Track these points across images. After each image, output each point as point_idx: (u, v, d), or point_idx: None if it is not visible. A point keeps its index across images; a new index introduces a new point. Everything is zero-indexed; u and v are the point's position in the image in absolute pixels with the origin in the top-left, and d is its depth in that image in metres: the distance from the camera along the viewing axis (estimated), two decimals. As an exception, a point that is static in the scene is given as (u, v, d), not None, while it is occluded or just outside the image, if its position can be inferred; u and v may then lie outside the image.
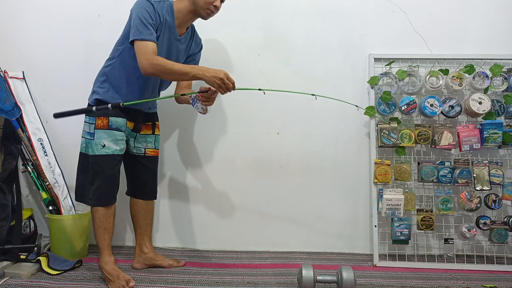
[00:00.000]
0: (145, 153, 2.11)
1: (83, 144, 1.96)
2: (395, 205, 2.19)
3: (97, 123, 1.91)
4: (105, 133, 1.92)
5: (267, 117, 2.43)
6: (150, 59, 1.77)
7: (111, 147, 1.92)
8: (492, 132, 2.20)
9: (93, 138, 1.91)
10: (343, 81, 2.41)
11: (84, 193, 1.95)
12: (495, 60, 2.28)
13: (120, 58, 1.94)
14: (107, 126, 1.92)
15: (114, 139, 1.93)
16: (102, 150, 1.91)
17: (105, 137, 1.91)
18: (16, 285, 1.88)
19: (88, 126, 1.94)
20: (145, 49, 1.78)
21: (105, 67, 1.99)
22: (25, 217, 2.30)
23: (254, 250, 2.44)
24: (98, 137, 1.91)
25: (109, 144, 1.92)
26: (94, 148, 1.91)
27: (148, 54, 1.77)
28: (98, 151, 1.91)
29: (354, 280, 1.78)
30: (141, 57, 1.78)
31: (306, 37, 2.42)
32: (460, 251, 2.33)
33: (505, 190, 2.23)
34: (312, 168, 2.44)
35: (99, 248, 1.96)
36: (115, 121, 1.93)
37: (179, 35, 1.98)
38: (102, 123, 1.91)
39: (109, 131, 1.92)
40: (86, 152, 1.94)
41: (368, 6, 2.39)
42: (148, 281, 1.96)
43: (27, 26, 2.44)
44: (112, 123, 1.93)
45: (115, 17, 2.41)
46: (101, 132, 1.91)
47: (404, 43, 2.37)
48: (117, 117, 1.93)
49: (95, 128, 1.92)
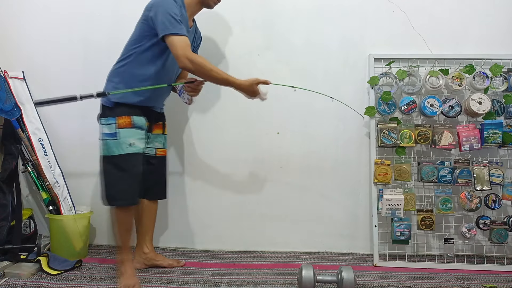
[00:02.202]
0: (155, 153, 2.10)
1: (103, 146, 1.91)
2: (395, 205, 2.19)
3: (119, 122, 1.88)
4: (131, 131, 1.89)
5: (267, 117, 2.43)
6: (190, 56, 1.78)
7: (137, 145, 1.90)
8: (492, 132, 2.20)
9: (118, 138, 1.87)
10: (343, 81, 2.41)
11: (114, 195, 1.90)
12: (495, 60, 2.28)
13: (135, 57, 1.91)
14: (131, 125, 1.89)
15: (139, 137, 1.92)
16: (129, 149, 1.87)
17: (131, 135, 1.89)
18: (16, 285, 1.87)
19: (107, 128, 1.89)
20: (182, 44, 1.78)
21: (118, 68, 1.95)
22: (25, 217, 2.30)
23: (254, 250, 2.44)
24: (124, 135, 1.87)
25: (135, 142, 1.90)
26: (119, 147, 1.87)
27: (187, 50, 1.78)
28: (124, 150, 1.87)
29: (354, 280, 1.78)
30: (179, 51, 1.77)
31: (306, 37, 2.42)
32: (460, 251, 2.33)
33: (505, 190, 2.23)
34: (312, 168, 2.44)
35: (120, 247, 1.95)
36: (138, 119, 1.92)
37: (189, 27, 2.00)
38: (125, 122, 1.88)
39: (134, 130, 1.90)
40: (110, 153, 1.88)
41: (368, 6, 2.39)
42: (148, 281, 1.96)
43: (27, 26, 2.44)
44: (135, 122, 1.90)
45: (115, 17, 2.42)
46: (126, 131, 1.88)
47: (404, 43, 2.37)
48: (139, 116, 1.92)
49: (117, 127, 1.88)
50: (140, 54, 1.90)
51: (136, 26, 1.95)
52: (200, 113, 2.45)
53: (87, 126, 2.44)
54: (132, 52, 1.92)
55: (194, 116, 2.45)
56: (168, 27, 1.78)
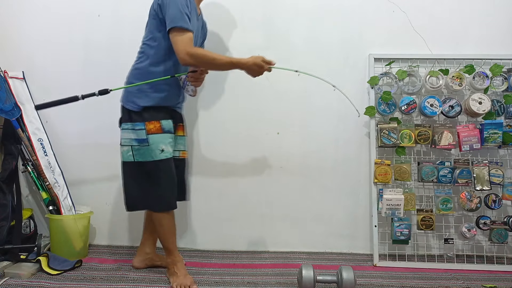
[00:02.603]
0: (180, 155, 2.07)
1: (128, 152, 1.89)
2: (395, 205, 2.19)
3: (149, 128, 1.86)
4: (161, 137, 1.87)
5: (267, 117, 2.43)
6: (189, 50, 1.76)
7: (168, 150, 1.89)
8: (492, 132, 2.20)
9: (148, 144, 1.85)
10: (343, 81, 2.39)
11: (150, 202, 1.91)
12: (495, 60, 2.28)
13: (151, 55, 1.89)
14: (161, 130, 1.87)
15: (169, 142, 1.90)
16: (161, 155, 1.86)
17: (162, 141, 1.87)
18: (16, 285, 1.87)
19: (134, 133, 1.87)
20: (184, 40, 1.77)
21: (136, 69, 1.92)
22: (25, 217, 2.30)
23: (254, 250, 2.44)
24: (155, 142, 1.86)
25: (166, 147, 1.88)
26: (152, 153, 1.85)
27: (186, 44, 1.76)
28: (157, 156, 1.85)
29: (354, 280, 1.78)
30: (179, 47, 1.76)
31: (306, 37, 2.42)
32: (460, 251, 2.34)
33: (505, 190, 2.23)
34: (312, 168, 2.44)
35: (168, 250, 1.97)
36: (166, 124, 1.90)
37: (198, 14, 1.99)
38: (155, 127, 1.86)
39: (164, 135, 1.88)
40: (141, 159, 1.87)
41: (368, 6, 2.39)
42: (148, 281, 1.96)
43: (27, 26, 2.44)
44: (164, 126, 1.89)
45: (115, 17, 2.42)
46: (157, 136, 1.86)
47: (404, 43, 2.37)
48: (167, 120, 1.90)
49: (147, 133, 1.86)
50: (155, 50, 1.89)
51: (146, 24, 1.94)
52: (200, 113, 2.45)
53: (87, 126, 2.45)
54: (147, 50, 1.90)
55: (194, 116, 2.45)
56: (174, 20, 1.77)
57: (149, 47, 1.91)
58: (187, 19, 1.79)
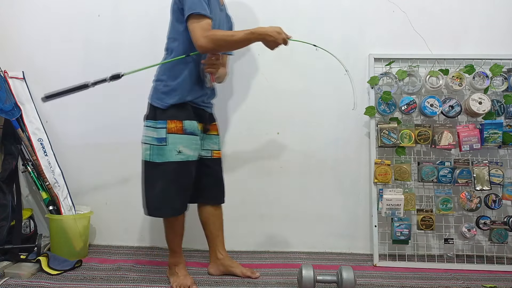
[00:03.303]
0: (212, 155, 2.02)
1: (147, 151, 1.82)
2: (395, 205, 2.19)
3: (170, 127, 1.79)
4: (181, 138, 1.80)
5: (267, 117, 2.43)
6: (207, 34, 1.70)
7: (186, 153, 1.81)
8: (492, 132, 2.20)
9: (166, 144, 1.78)
10: (343, 81, 2.40)
11: (158, 205, 1.83)
12: (495, 60, 2.28)
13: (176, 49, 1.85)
14: (181, 131, 1.80)
15: (190, 144, 1.83)
16: (177, 157, 1.79)
17: (181, 142, 1.80)
18: (16, 285, 1.87)
19: (154, 131, 1.81)
20: (199, 25, 1.70)
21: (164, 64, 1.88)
22: (25, 217, 2.30)
23: (254, 250, 2.44)
24: (173, 142, 1.79)
25: (185, 150, 1.80)
26: (168, 154, 1.78)
27: (204, 29, 1.70)
28: (173, 157, 1.78)
29: (354, 280, 1.78)
30: (197, 33, 1.70)
31: (306, 37, 2.40)
32: (460, 251, 2.34)
33: (505, 190, 2.23)
34: (312, 168, 2.44)
35: (172, 250, 1.94)
36: (189, 125, 1.83)
37: (221, 5, 1.96)
38: (176, 127, 1.79)
39: (185, 136, 1.81)
40: (155, 159, 1.80)
41: (368, 6, 2.39)
42: (148, 281, 1.96)
43: (27, 26, 2.44)
44: (186, 127, 1.82)
45: (115, 17, 2.42)
46: (176, 137, 1.79)
47: (404, 43, 2.37)
48: (191, 120, 1.84)
49: (167, 132, 1.79)
50: (178, 43, 1.84)
51: (170, 21, 1.90)
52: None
53: (87, 127, 2.45)
54: (171, 45, 1.87)
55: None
56: (192, 7, 1.71)
57: (172, 41, 1.86)
58: (205, 5, 1.73)
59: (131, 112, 2.43)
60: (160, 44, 2.40)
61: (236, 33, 1.77)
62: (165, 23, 2.39)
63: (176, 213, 1.87)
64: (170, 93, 1.83)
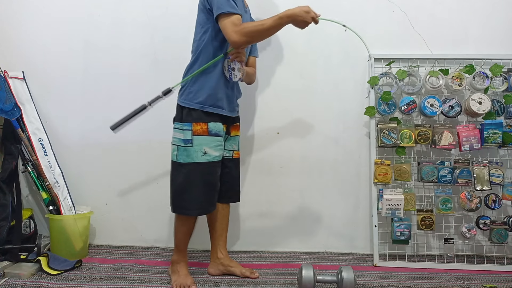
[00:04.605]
0: (232, 156, 2.05)
1: (174, 152, 1.86)
2: (395, 205, 2.19)
3: (195, 129, 1.82)
4: (206, 139, 1.83)
5: (267, 117, 2.43)
6: (238, 29, 1.73)
7: (211, 154, 1.84)
8: (492, 132, 2.20)
9: (192, 145, 1.82)
10: (343, 81, 2.41)
11: (182, 204, 1.86)
12: (495, 60, 2.28)
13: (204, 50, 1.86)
14: (207, 132, 1.84)
15: (215, 145, 1.86)
16: (203, 158, 1.82)
17: (206, 143, 1.83)
18: (16, 285, 1.87)
19: (181, 133, 1.84)
20: (230, 21, 1.73)
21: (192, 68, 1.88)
22: (25, 217, 2.30)
23: (254, 250, 2.44)
24: (198, 143, 1.82)
25: (210, 151, 1.84)
26: (193, 155, 1.82)
27: (235, 24, 1.73)
28: (198, 158, 1.82)
29: (354, 280, 1.78)
30: (229, 30, 1.73)
31: (306, 37, 2.41)
32: (460, 251, 2.34)
33: (505, 190, 2.23)
34: (312, 168, 2.44)
35: (178, 248, 1.95)
36: (214, 126, 1.85)
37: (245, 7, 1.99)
38: (201, 129, 1.83)
39: (210, 137, 1.84)
40: (182, 160, 1.83)
41: (368, 6, 2.39)
42: (148, 281, 1.96)
43: (27, 26, 2.44)
44: (211, 129, 1.85)
45: (115, 17, 2.42)
46: (201, 138, 1.83)
47: (404, 43, 2.37)
48: (215, 122, 1.86)
49: (193, 134, 1.82)
50: (205, 44, 1.85)
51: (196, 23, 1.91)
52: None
53: (87, 126, 2.45)
54: (199, 46, 1.87)
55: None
56: (220, 7, 1.74)
57: (200, 42, 1.87)
58: (233, 3, 1.76)
59: (131, 112, 2.43)
60: (160, 44, 2.42)
61: (265, 21, 1.78)
62: (165, 23, 2.41)
63: (204, 212, 1.91)
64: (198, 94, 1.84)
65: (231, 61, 1.89)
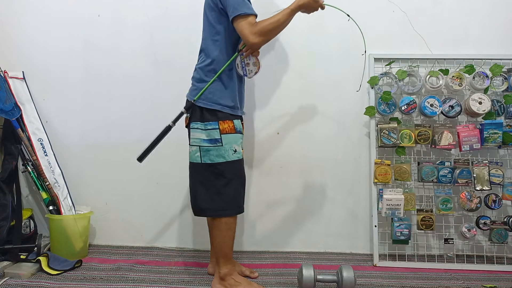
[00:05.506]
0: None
1: (196, 153, 1.81)
2: (395, 205, 2.19)
3: (223, 128, 1.79)
4: (234, 137, 1.81)
5: (267, 117, 2.43)
6: (256, 30, 1.72)
7: (240, 151, 1.84)
8: (492, 132, 2.20)
9: (222, 144, 1.78)
10: (343, 81, 2.41)
11: (223, 205, 1.80)
12: (495, 60, 2.28)
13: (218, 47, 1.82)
14: (234, 130, 1.81)
15: (240, 142, 1.85)
16: (234, 156, 1.80)
17: (234, 141, 1.81)
18: (16, 285, 1.87)
19: (205, 133, 1.79)
20: (247, 22, 1.72)
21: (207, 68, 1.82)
22: (25, 217, 2.30)
23: (254, 250, 2.44)
24: (228, 142, 1.79)
25: (238, 148, 1.83)
26: (225, 154, 1.78)
27: (252, 25, 1.72)
28: (230, 157, 1.79)
29: (354, 280, 1.78)
30: (246, 32, 1.72)
31: (306, 37, 2.41)
32: (460, 251, 2.34)
33: (505, 190, 2.23)
34: (312, 168, 2.44)
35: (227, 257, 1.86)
36: (238, 123, 1.84)
37: None
38: (229, 127, 1.80)
39: (237, 135, 1.83)
40: (213, 161, 1.78)
41: (368, 6, 2.39)
42: (148, 281, 1.96)
43: (27, 26, 2.44)
44: (236, 126, 1.83)
45: (115, 17, 2.42)
46: (230, 136, 1.80)
47: (404, 43, 2.37)
48: (238, 119, 1.85)
49: (221, 133, 1.79)
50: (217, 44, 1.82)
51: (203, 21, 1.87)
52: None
53: (87, 126, 2.45)
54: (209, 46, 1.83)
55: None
56: (237, 8, 1.72)
57: (211, 42, 1.83)
58: (249, 3, 1.76)
59: (131, 112, 2.44)
60: (160, 44, 2.42)
61: (279, 17, 1.78)
62: (165, 23, 2.41)
63: (241, 211, 1.88)
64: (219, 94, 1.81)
65: (246, 56, 1.88)
